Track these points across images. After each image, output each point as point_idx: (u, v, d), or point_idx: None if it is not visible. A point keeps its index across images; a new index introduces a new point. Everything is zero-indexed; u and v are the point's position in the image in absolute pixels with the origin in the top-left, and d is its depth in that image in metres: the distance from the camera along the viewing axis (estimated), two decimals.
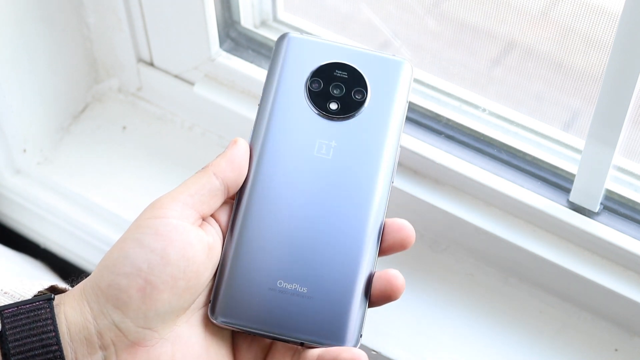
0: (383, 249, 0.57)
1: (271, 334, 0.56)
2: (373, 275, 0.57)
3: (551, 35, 0.77)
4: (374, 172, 0.58)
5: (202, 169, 0.57)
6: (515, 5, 0.76)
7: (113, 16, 0.89)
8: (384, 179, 0.58)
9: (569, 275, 0.78)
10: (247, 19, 0.88)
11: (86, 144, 0.94)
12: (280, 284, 0.56)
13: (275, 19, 0.88)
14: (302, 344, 0.56)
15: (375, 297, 0.56)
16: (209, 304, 0.56)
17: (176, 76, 0.92)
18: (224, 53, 0.89)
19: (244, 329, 0.56)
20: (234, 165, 0.57)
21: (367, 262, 0.57)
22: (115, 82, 0.97)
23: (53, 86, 0.91)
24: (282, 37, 0.61)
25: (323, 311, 0.56)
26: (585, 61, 0.75)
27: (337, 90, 0.59)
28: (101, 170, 0.92)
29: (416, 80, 0.84)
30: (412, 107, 0.83)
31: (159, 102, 0.96)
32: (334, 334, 0.55)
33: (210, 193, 0.56)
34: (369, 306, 0.57)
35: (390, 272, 0.56)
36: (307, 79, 0.59)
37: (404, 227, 0.57)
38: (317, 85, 0.59)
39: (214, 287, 0.56)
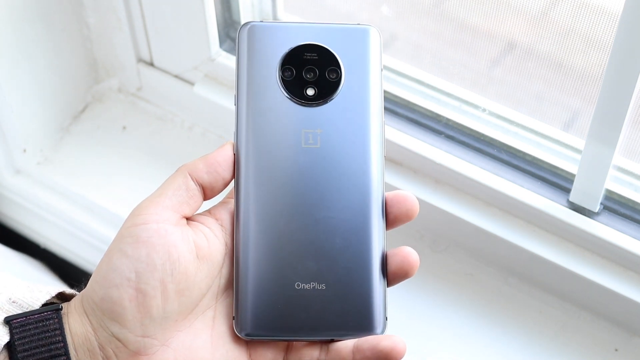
0: (390, 222, 0.57)
1: (300, 338, 0.55)
2: (386, 254, 0.56)
3: (551, 35, 0.77)
4: (366, 150, 0.57)
5: (179, 168, 0.57)
6: (515, 5, 0.76)
7: (113, 16, 0.89)
8: (376, 154, 0.57)
9: (569, 275, 0.79)
10: (247, 19, 0.88)
11: (86, 144, 0.94)
12: (298, 285, 0.55)
13: (275, 19, 0.88)
14: (332, 340, 0.55)
15: (391, 275, 0.56)
16: (233, 321, 0.56)
17: (176, 76, 0.92)
18: (224, 53, 0.89)
19: (273, 338, 0.55)
20: (210, 169, 0.56)
21: (378, 242, 0.56)
22: (115, 82, 0.97)
23: (53, 86, 0.91)
24: (243, 28, 0.58)
25: (346, 303, 0.55)
26: (585, 61, 0.75)
27: (311, 74, 0.57)
28: (101, 170, 0.92)
29: (416, 80, 0.84)
30: (412, 107, 0.83)
31: (159, 102, 0.96)
32: (363, 324, 0.55)
33: (188, 193, 0.56)
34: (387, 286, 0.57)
35: (405, 249, 0.56)
36: (278, 69, 0.57)
37: (407, 198, 0.57)
38: (289, 73, 0.57)
39: (234, 303, 0.56)
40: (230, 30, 0.89)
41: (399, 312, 0.82)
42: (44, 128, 0.92)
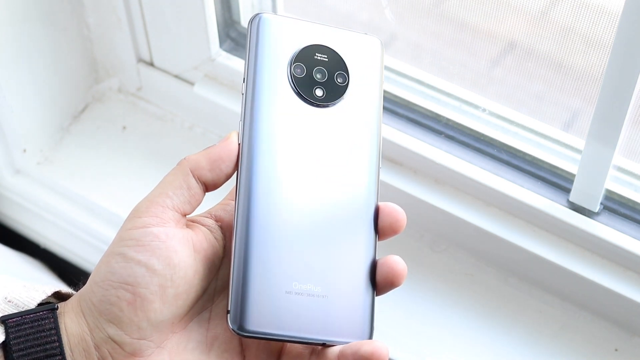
0: (378, 234, 0.57)
1: (294, 339, 0.55)
2: (376, 263, 0.56)
3: (551, 35, 0.77)
4: (363, 158, 0.57)
5: (180, 163, 0.56)
6: (515, 5, 0.76)
7: (113, 16, 0.89)
8: (374, 164, 0.57)
9: (569, 275, 0.78)
10: (247, 19, 0.88)
11: (86, 144, 0.94)
12: (295, 285, 0.55)
13: None
14: (323, 344, 0.55)
15: (379, 284, 0.56)
16: (227, 315, 0.55)
17: (176, 76, 0.92)
18: (224, 53, 0.89)
19: (267, 337, 0.55)
20: (213, 166, 0.55)
21: (370, 250, 0.56)
22: (115, 82, 0.97)
23: (53, 86, 0.91)
24: (254, 18, 0.58)
25: (338, 308, 0.55)
26: (585, 61, 0.75)
27: (320, 75, 0.57)
28: (101, 170, 0.92)
29: (416, 80, 0.84)
30: (412, 107, 0.83)
31: (159, 102, 0.96)
32: (353, 330, 0.55)
33: (189, 192, 0.55)
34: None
35: (392, 258, 0.55)
36: (290, 64, 0.57)
37: (394, 211, 0.56)
38: (300, 70, 0.57)
39: (229, 298, 0.55)
40: (230, 30, 0.89)
41: (399, 312, 0.82)
42: (44, 128, 0.92)
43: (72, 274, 0.94)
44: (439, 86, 0.83)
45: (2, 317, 0.54)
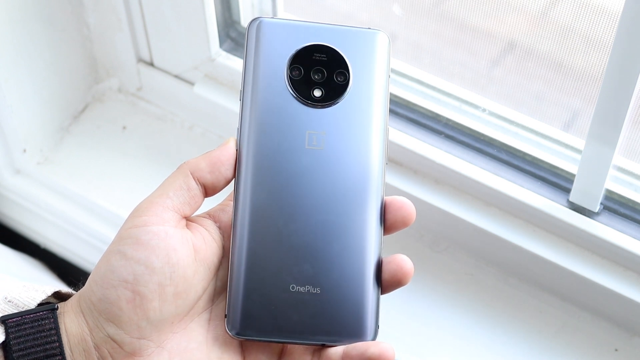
0: (386, 228, 0.57)
1: (292, 341, 0.55)
2: (381, 262, 0.56)
3: (551, 35, 0.77)
4: (368, 156, 0.57)
5: (180, 166, 0.56)
6: (515, 5, 0.76)
7: (113, 16, 0.89)
8: (378, 160, 0.57)
9: (569, 275, 0.78)
10: (247, 19, 0.88)
11: (86, 144, 0.94)
12: (293, 288, 0.55)
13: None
14: (323, 345, 0.55)
15: (385, 283, 0.56)
16: (225, 319, 0.55)
17: (176, 76, 0.92)
18: (224, 53, 0.89)
19: (265, 339, 0.55)
20: (212, 168, 0.56)
21: (375, 249, 0.56)
22: (115, 82, 0.97)
23: (53, 86, 0.91)
24: (253, 23, 0.58)
25: (339, 308, 0.55)
26: (585, 61, 0.75)
27: (319, 75, 0.57)
28: (101, 170, 0.92)
29: (416, 80, 0.84)
30: (412, 107, 0.83)
31: (159, 102, 0.96)
32: (354, 330, 0.55)
33: (189, 193, 0.55)
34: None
35: (399, 257, 0.56)
36: (287, 67, 0.57)
37: (404, 205, 0.56)
38: (297, 72, 0.57)
39: (226, 301, 0.55)
40: (230, 30, 0.89)
41: (399, 313, 0.82)
42: (44, 128, 0.92)
43: (72, 274, 0.94)
44: (439, 86, 0.83)
45: (2, 317, 0.54)
